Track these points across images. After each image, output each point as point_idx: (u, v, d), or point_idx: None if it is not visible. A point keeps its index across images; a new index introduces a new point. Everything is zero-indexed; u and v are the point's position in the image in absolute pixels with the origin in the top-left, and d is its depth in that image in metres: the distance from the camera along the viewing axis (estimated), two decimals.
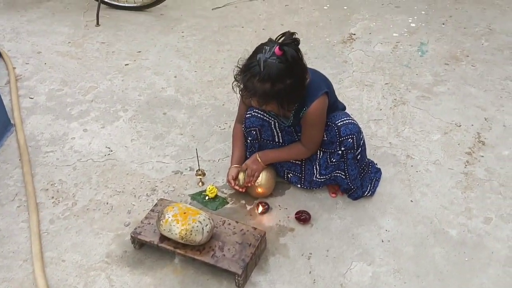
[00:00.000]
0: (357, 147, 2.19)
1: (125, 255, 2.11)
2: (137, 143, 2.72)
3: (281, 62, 1.89)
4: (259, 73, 1.89)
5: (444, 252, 2.13)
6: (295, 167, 2.37)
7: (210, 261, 1.96)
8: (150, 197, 2.39)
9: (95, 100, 3.06)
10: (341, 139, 2.15)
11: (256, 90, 1.93)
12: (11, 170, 2.53)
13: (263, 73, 1.89)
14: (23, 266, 2.07)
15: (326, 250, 2.14)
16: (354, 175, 2.26)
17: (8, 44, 3.65)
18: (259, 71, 1.89)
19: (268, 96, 1.95)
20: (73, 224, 2.25)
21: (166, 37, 3.76)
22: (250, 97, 1.99)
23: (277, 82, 1.91)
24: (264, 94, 1.94)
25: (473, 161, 2.59)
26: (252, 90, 1.94)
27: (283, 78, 1.91)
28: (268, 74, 1.89)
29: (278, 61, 1.89)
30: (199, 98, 3.08)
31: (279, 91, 1.93)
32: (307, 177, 2.36)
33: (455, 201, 2.36)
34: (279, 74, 1.89)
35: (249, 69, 1.93)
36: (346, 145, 2.16)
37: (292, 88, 1.95)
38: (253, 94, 1.96)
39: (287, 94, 1.96)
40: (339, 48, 3.62)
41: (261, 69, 1.89)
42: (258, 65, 1.90)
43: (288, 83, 1.93)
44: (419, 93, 3.12)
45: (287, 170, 2.39)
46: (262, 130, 2.28)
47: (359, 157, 2.23)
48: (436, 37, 3.76)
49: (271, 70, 1.88)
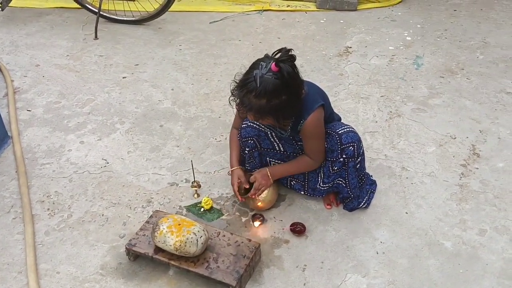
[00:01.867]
0: (358, 156, 2.21)
1: (120, 267, 2.11)
2: (134, 155, 2.73)
3: (277, 78, 1.91)
4: (255, 88, 1.91)
5: (438, 264, 2.13)
6: (298, 175, 2.38)
7: (204, 272, 1.96)
8: (145, 208, 2.39)
9: (92, 113, 3.07)
10: (343, 146, 2.17)
11: (252, 106, 1.95)
12: (7, 182, 2.54)
13: (259, 89, 1.90)
14: (18, 278, 2.06)
15: (321, 262, 2.14)
16: (354, 184, 2.27)
17: (6, 57, 3.67)
18: (255, 87, 1.91)
19: (264, 112, 1.97)
20: (68, 236, 2.26)
21: (164, 50, 3.80)
22: (247, 112, 2.01)
23: (273, 98, 1.93)
24: (260, 110, 1.96)
25: (468, 173, 2.60)
26: (248, 105, 1.96)
27: (279, 94, 1.93)
28: (264, 90, 1.90)
29: (274, 77, 1.91)
30: (195, 110, 3.10)
31: (274, 107, 1.95)
32: (311, 185, 2.36)
33: (450, 213, 2.37)
34: (275, 90, 1.91)
35: (245, 84, 1.95)
36: (348, 153, 2.17)
37: (288, 104, 1.97)
38: (249, 109, 1.98)
39: (283, 109, 1.98)
40: (335, 61, 3.65)
41: (257, 85, 1.90)
42: (254, 81, 1.92)
43: (284, 99, 1.94)
44: (414, 105, 3.14)
45: (290, 178, 2.39)
46: (259, 139, 2.29)
47: (359, 166, 2.25)
48: (432, 50, 3.80)
49: (267, 86, 1.90)
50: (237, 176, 2.30)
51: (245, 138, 2.30)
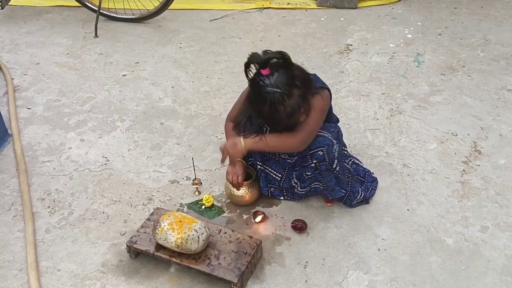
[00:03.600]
0: (330, 160, 2.14)
1: (121, 264, 2.10)
2: (134, 153, 2.72)
3: (279, 73, 1.92)
4: (283, 93, 1.92)
5: (440, 260, 2.12)
6: (274, 182, 2.36)
7: (205, 269, 1.96)
8: (146, 206, 2.39)
9: (93, 110, 3.07)
10: (311, 152, 2.14)
11: (287, 111, 1.95)
12: (7, 180, 2.53)
13: (281, 93, 1.91)
14: (18, 275, 2.06)
15: (322, 259, 2.13)
16: (331, 186, 2.24)
17: (6, 56, 3.67)
18: (281, 94, 1.91)
19: (299, 104, 1.97)
20: (69, 233, 2.25)
21: (164, 48, 3.79)
22: (291, 120, 2.01)
23: (293, 88, 1.94)
24: (295, 107, 1.96)
25: (470, 170, 2.60)
26: (284, 114, 1.96)
27: (293, 81, 1.94)
28: (284, 93, 1.91)
29: (277, 76, 1.91)
30: (196, 108, 3.09)
31: (301, 95, 1.96)
32: (289, 190, 2.36)
33: (452, 210, 2.36)
34: (288, 81, 1.93)
35: (272, 103, 1.93)
36: (317, 157, 2.13)
37: (306, 81, 2.00)
38: (288, 117, 1.98)
39: (307, 89, 1.99)
40: (336, 58, 3.64)
41: (275, 92, 1.91)
42: (270, 93, 1.91)
43: (299, 81, 1.96)
44: (415, 103, 3.13)
45: (269, 185, 2.38)
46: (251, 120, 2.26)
47: (338, 168, 2.19)
48: (432, 48, 3.79)
49: (281, 84, 1.91)
50: (241, 169, 2.23)
51: None
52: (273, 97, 1.92)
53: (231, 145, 2.15)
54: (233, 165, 2.24)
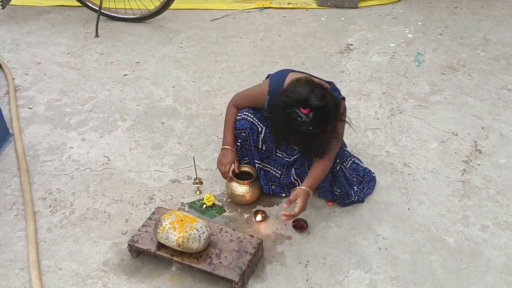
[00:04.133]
0: (335, 162, 2.22)
1: (122, 263, 2.11)
2: (135, 152, 2.73)
3: (316, 113, 1.90)
4: (316, 135, 1.93)
5: (441, 259, 2.13)
6: (275, 179, 2.38)
7: (207, 268, 1.96)
8: (147, 205, 2.39)
9: (94, 110, 3.07)
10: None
11: (324, 140, 2.00)
12: (9, 179, 2.54)
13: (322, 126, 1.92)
14: (20, 274, 2.06)
15: (323, 258, 2.13)
16: (326, 187, 2.30)
17: (7, 55, 3.67)
18: (315, 135, 1.93)
19: (332, 135, 2.01)
20: (70, 232, 2.25)
21: (165, 48, 3.79)
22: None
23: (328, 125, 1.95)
24: (328, 138, 2.01)
25: (470, 170, 2.60)
26: (319, 143, 2.01)
27: (329, 120, 1.95)
28: (322, 122, 1.92)
29: (314, 116, 1.90)
30: (197, 108, 3.09)
31: (333, 128, 1.99)
32: (290, 187, 2.37)
33: (452, 209, 2.37)
34: (325, 121, 1.93)
35: (312, 138, 1.95)
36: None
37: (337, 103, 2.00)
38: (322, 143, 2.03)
39: (337, 118, 2.01)
40: (337, 58, 3.65)
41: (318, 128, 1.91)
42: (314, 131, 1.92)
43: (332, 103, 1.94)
44: (416, 102, 3.14)
45: (270, 182, 2.39)
46: (250, 133, 2.27)
47: (338, 168, 2.27)
48: (433, 47, 3.79)
49: (321, 119, 1.92)
50: (232, 158, 2.28)
51: (239, 130, 2.29)
52: (309, 134, 1.92)
53: (305, 199, 2.10)
54: (224, 154, 2.29)
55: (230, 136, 2.33)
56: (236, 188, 2.31)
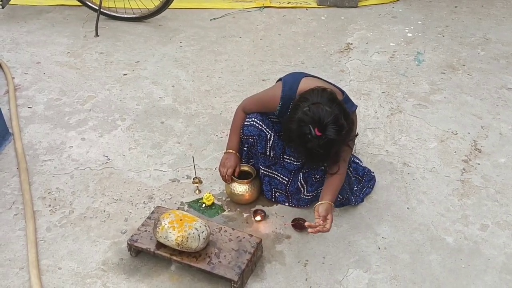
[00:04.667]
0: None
1: (122, 263, 2.11)
2: (135, 152, 2.73)
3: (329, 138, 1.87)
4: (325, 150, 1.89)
5: (440, 259, 2.13)
6: (281, 186, 2.37)
7: (206, 268, 1.96)
8: (147, 205, 2.39)
9: (93, 110, 3.07)
10: None
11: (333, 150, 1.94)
12: (8, 179, 2.54)
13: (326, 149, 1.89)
14: (19, 274, 2.06)
15: (322, 257, 2.13)
16: (341, 193, 2.26)
17: (7, 55, 3.67)
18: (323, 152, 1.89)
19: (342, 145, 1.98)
20: (70, 232, 2.26)
21: (164, 47, 3.79)
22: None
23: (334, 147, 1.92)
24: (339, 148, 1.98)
25: (470, 169, 2.60)
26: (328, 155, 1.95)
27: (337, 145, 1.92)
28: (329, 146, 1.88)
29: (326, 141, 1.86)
30: (196, 107, 3.09)
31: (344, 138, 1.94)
32: (294, 195, 2.36)
33: (452, 208, 2.37)
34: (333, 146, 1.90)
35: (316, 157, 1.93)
36: None
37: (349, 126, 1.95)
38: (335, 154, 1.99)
39: (350, 129, 1.97)
40: (336, 57, 3.65)
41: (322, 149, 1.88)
42: (318, 151, 1.88)
43: (346, 132, 1.92)
44: (415, 101, 3.14)
45: (274, 189, 2.38)
46: (258, 140, 2.27)
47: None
48: (433, 47, 3.79)
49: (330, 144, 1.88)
50: (235, 163, 2.29)
51: (246, 136, 2.28)
52: (316, 153, 1.90)
53: (328, 210, 2.03)
54: (228, 157, 2.29)
55: (235, 140, 2.32)
56: (235, 187, 2.31)
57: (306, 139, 1.87)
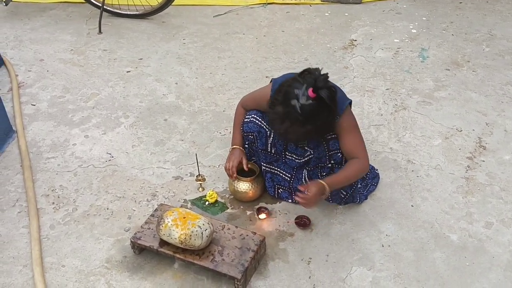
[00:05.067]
0: (345, 162, 2.17)
1: (125, 260, 2.11)
2: (138, 149, 2.73)
3: (317, 101, 1.86)
4: (298, 119, 1.88)
5: (444, 256, 2.12)
6: (284, 182, 2.36)
7: (209, 265, 1.96)
8: (150, 202, 2.39)
9: (97, 107, 3.07)
10: (330, 153, 2.16)
11: (299, 134, 1.95)
12: (12, 176, 2.54)
13: (303, 118, 1.88)
14: (23, 271, 2.07)
15: (326, 255, 2.13)
16: (345, 189, 2.25)
17: (11, 52, 3.67)
18: (298, 117, 1.88)
19: (311, 135, 1.99)
20: (73, 229, 2.26)
21: (168, 44, 3.79)
22: (292, 142, 2.01)
23: (318, 121, 1.91)
24: (307, 134, 1.97)
25: (474, 166, 2.59)
26: (294, 135, 1.95)
27: (322, 115, 1.90)
28: (308, 117, 1.88)
29: (314, 102, 1.86)
30: (199, 104, 3.09)
31: (320, 127, 1.95)
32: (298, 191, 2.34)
33: (456, 206, 2.35)
34: (318, 114, 1.89)
35: (287, 117, 1.91)
36: (335, 158, 2.16)
37: (331, 118, 1.97)
38: (296, 139, 2.00)
39: (328, 125, 1.99)
40: (340, 54, 3.63)
41: (300, 114, 1.87)
42: (295, 112, 1.88)
43: (326, 116, 1.92)
44: (420, 98, 3.12)
45: (277, 185, 2.37)
46: (258, 136, 2.26)
47: None
48: (437, 43, 3.77)
49: (311, 113, 1.87)
50: (240, 156, 2.28)
51: (246, 133, 2.28)
52: (290, 114, 1.89)
53: (319, 191, 2.04)
54: (233, 152, 2.29)
55: (239, 136, 2.33)
56: (238, 185, 2.31)
57: (291, 96, 1.87)
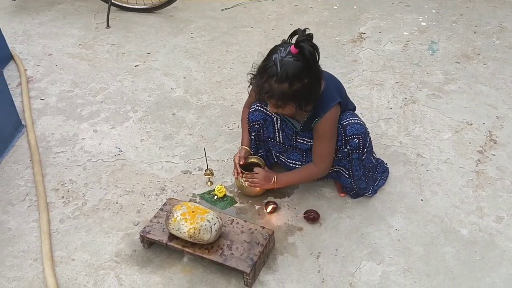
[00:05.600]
0: (363, 148, 2.15)
1: (134, 254, 2.12)
2: (147, 143, 2.73)
3: (298, 60, 1.86)
4: (276, 73, 1.86)
5: (455, 251, 2.10)
6: (296, 157, 2.32)
7: (218, 259, 1.96)
8: (159, 196, 2.40)
9: (105, 101, 3.08)
10: (347, 138, 2.12)
11: (274, 92, 1.90)
12: (22, 170, 2.56)
13: (281, 73, 1.85)
14: (33, 265, 2.08)
15: (335, 249, 2.12)
16: (358, 176, 2.23)
17: (19, 47, 3.69)
18: (276, 72, 1.86)
19: (287, 97, 1.91)
20: (83, 223, 2.27)
21: (176, 38, 3.78)
22: (267, 100, 1.97)
23: (295, 81, 1.87)
24: (282, 95, 1.90)
25: (485, 160, 2.56)
26: (270, 92, 1.90)
27: (300, 76, 1.87)
28: (285, 73, 1.85)
29: (294, 59, 1.85)
30: (208, 98, 3.08)
31: (297, 91, 1.89)
32: None
33: (466, 200, 2.34)
34: (297, 73, 1.86)
35: (265, 70, 1.89)
36: (352, 144, 2.12)
37: (310, 87, 1.93)
38: (270, 96, 1.92)
39: (305, 94, 1.92)
40: (349, 47, 3.61)
41: (278, 69, 1.85)
42: (274, 65, 1.86)
43: (306, 82, 1.89)
44: (429, 91, 3.10)
45: (289, 164, 2.36)
46: (264, 125, 2.26)
47: (364, 157, 2.19)
48: (447, 36, 3.73)
49: (289, 70, 1.85)
50: (244, 153, 2.28)
51: (252, 123, 2.27)
52: (269, 68, 1.88)
53: (265, 177, 2.22)
54: (238, 152, 2.30)
55: (245, 136, 2.35)
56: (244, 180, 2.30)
57: (274, 51, 1.89)
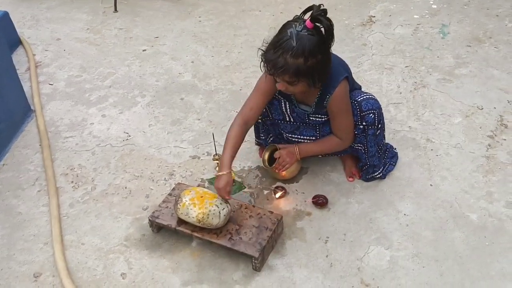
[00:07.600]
0: (378, 123, 2.14)
1: (143, 239, 2.13)
2: (155, 128, 2.73)
3: (313, 35, 1.83)
4: (292, 47, 1.81)
5: (464, 236, 2.09)
6: (310, 131, 2.26)
7: (227, 244, 1.97)
8: (168, 181, 2.40)
9: (113, 86, 3.08)
10: (362, 114, 2.11)
11: (288, 67, 1.84)
12: (31, 155, 2.57)
13: (297, 47, 1.81)
14: (44, 249, 2.11)
15: (343, 234, 2.12)
16: (372, 152, 2.22)
17: (28, 31, 3.68)
18: (292, 46, 1.81)
19: (301, 73, 1.86)
20: (92, 208, 2.28)
21: (183, 22, 3.76)
22: (279, 76, 1.90)
23: (310, 57, 1.83)
24: (297, 70, 1.85)
25: (495, 145, 2.54)
26: (284, 66, 1.84)
27: (316, 52, 1.84)
28: (302, 48, 1.81)
29: (310, 34, 1.82)
30: (216, 83, 3.07)
31: (311, 67, 1.85)
32: None
33: (476, 185, 2.32)
34: (312, 48, 1.82)
35: (280, 44, 1.84)
36: (368, 120, 2.11)
37: (324, 63, 1.90)
38: (285, 71, 1.85)
39: (319, 69, 1.89)
40: (358, 31, 3.57)
41: (295, 43, 1.81)
42: (291, 39, 1.82)
43: (320, 58, 1.86)
44: (440, 75, 3.06)
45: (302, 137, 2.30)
46: (271, 108, 2.22)
47: (378, 133, 2.18)
48: (458, 19, 3.67)
49: (305, 44, 1.81)
50: (225, 182, 1.99)
51: None
52: (284, 42, 1.83)
53: (288, 153, 2.20)
54: (219, 179, 2.02)
55: (228, 156, 2.03)
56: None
57: (289, 26, 1.86)
